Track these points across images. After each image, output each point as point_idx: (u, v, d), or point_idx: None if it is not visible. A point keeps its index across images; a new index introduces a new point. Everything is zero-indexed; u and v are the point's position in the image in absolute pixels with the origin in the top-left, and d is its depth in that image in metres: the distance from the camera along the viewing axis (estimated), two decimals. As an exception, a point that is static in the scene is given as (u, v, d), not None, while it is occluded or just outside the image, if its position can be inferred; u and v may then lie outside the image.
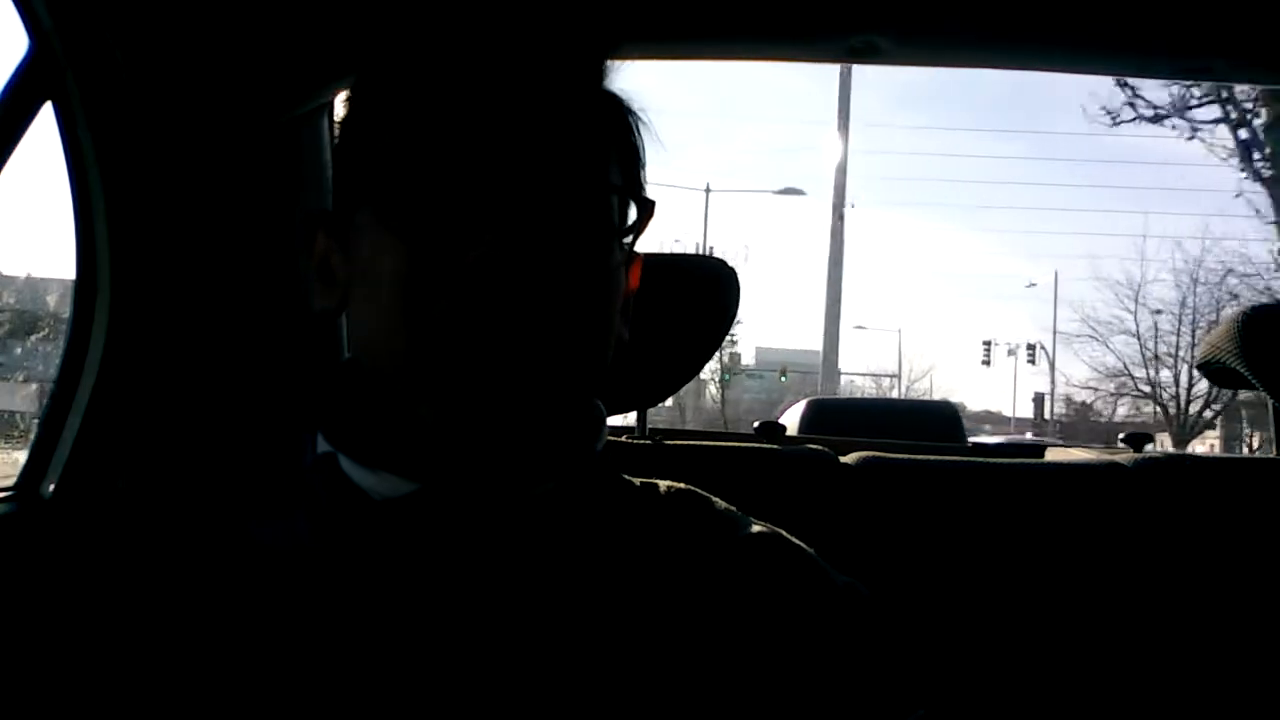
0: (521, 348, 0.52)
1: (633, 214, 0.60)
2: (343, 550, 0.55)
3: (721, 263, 1.21)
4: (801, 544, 0.60)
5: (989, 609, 1.18)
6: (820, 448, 1.29)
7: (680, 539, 0.58)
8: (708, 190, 16.88)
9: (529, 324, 0.52)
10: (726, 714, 0.52)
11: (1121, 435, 1.58)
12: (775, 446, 1.31)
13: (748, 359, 17.64)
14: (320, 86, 1.10)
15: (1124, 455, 1.38)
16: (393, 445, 0.55)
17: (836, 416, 5.24)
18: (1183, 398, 13.24)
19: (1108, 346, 15.53)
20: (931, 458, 1.30)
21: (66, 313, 0.94)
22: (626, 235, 0.58)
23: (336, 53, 1.04)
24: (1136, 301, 14.09)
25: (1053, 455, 1.95)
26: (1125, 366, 14.43)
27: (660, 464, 1.19)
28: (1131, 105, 11.24)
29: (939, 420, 5.37)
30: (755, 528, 0.60)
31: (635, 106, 0.62)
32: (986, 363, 15.29)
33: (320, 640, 0.52)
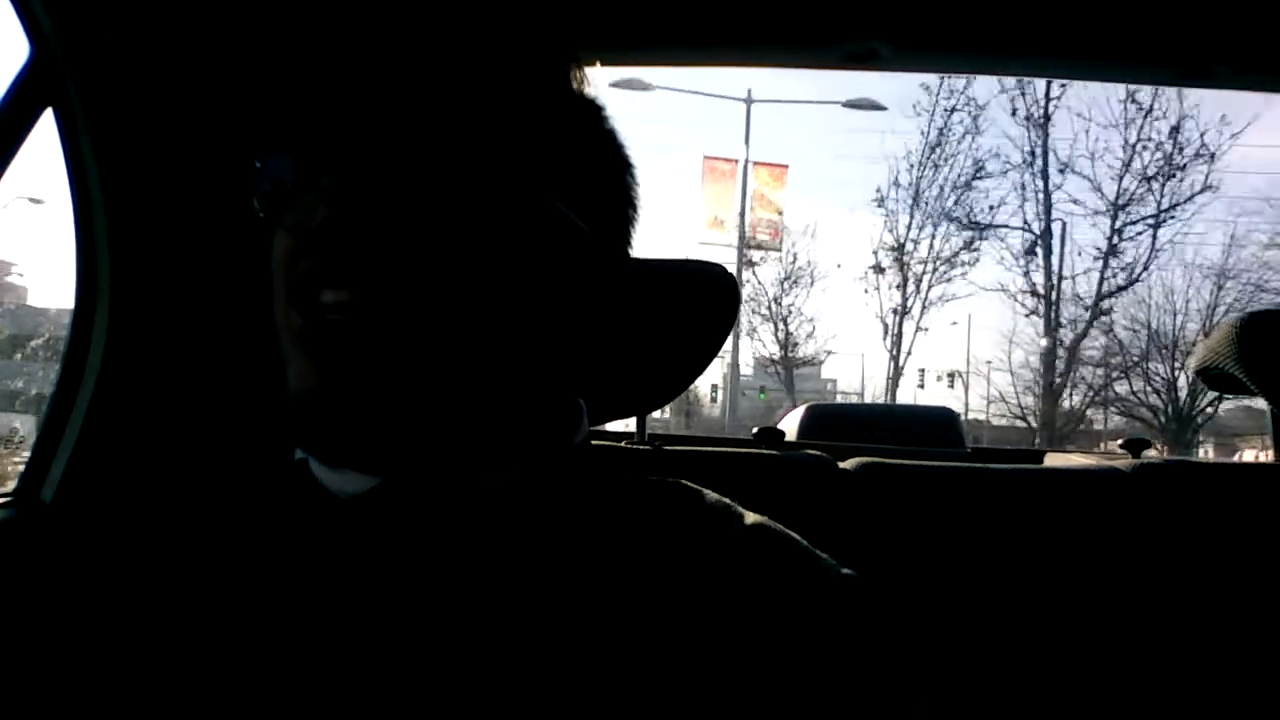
0: (359, 313, 0.51)
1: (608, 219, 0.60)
2: (315, 551, 0.55)
3: (720, 268, 1.22)
4: (797, 536, 0.58)
5: (988, 614, 1.18)
6: (819, 453, 1.29)
7: (668, 531, 0.56)
8: (749, 100, 15.98)
9: (364, 291, 0.51)
10: (718, 709, 0.50)
11: (1120, 441, 1.59)
12: (774, 452, 1.31)
13: (746, 370, 17.69)
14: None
15: (1123, 461, 1.38)
16: (322, 443, 0.55)
17: (835, 422, 5.25)
18: (1046, 419, 16.05)
19: (987, 380, 18.46)
20: (930, 463, 1.30)
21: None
22: (546, 220, 0.56)
23: (337, 56, 1.05)
24: (1011, 343, 16.73)
25: (1051, 460, 1.94)
26: (1001, 395, 17.38)
27: (659, 469, 1.19)
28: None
29: (937, 426, 5.38)
30: (749, 519, 0.58)
31: (601, 108, 0.61)
32: (921, 386, 18.01)
33: (301, 641, 0.52)
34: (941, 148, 12.88)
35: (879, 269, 12.43)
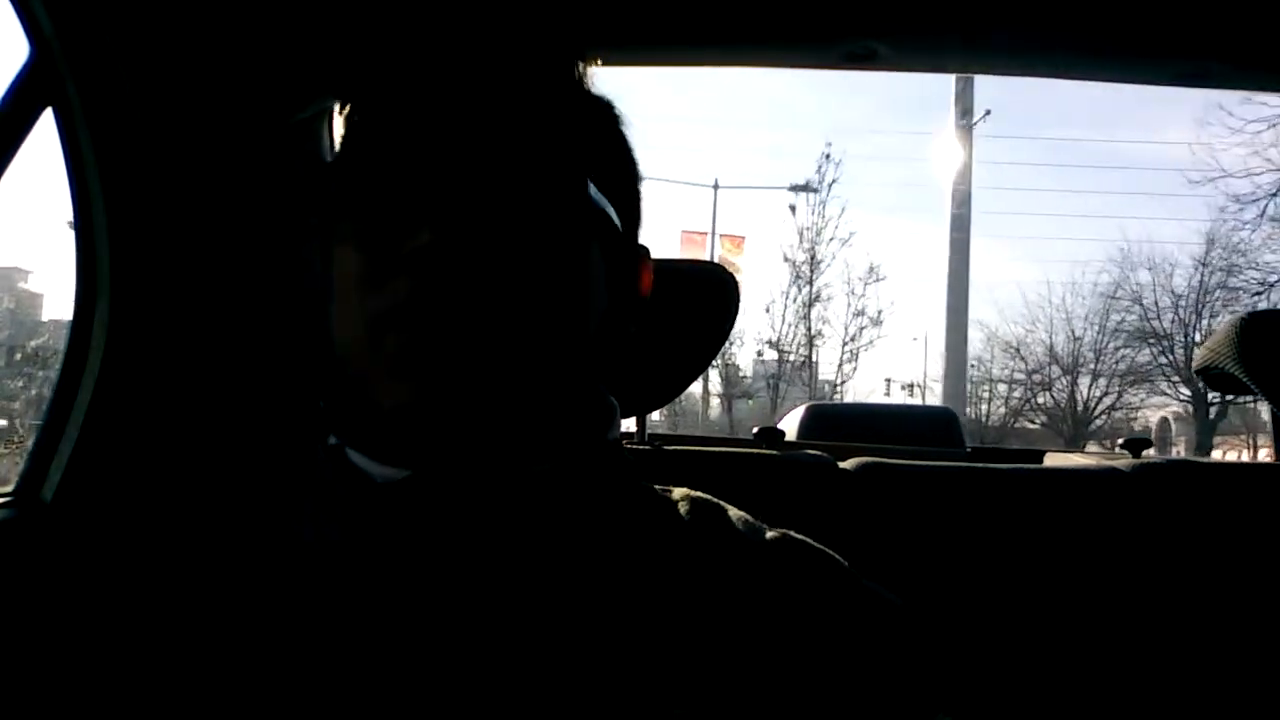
0: (459, 334, 0.52)
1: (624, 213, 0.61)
2: (350, 536, 0.56)
3: (721, 268, 1.22)
4: (824, 548, 0.59)
5: (988, 613, 1.18)
6: (819, 453, 1.30)
7: (694, 540, 0.58)
8: (716, 186, 19.69)
9: (466, 311, 0.52)
10: (736, 713, 0.51)
11: (1120, 440, 1.59)
12: (774, 452, 1.31)
13: (745, 371, 18.99)
14: (320, 92, 1.10)
15: (1122, 461, 1.38)
16: (370, 437, 0.57)
17: (835, 422, 5.23)
18: (983, 425, 19.65)
19: (931, 391, 21.97)
20: (930, 463, 1.30)
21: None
22: (602, 226, 0.59)
23: (335, 57, 1.05)
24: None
25: (1051, 460, 1.94)
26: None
27: (659, 469, 1.19)
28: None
29: (937, 426, 5.36)
30: (772, 533, 0.60)
31: (617, 108, 0.63)
32: (887, 394, 21.41)
33: (327, 629, 0.53)
34: (796, 284, 17.59)
35: (760, 353, 18.08)
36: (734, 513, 0.61)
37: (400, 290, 0.52)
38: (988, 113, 15.47)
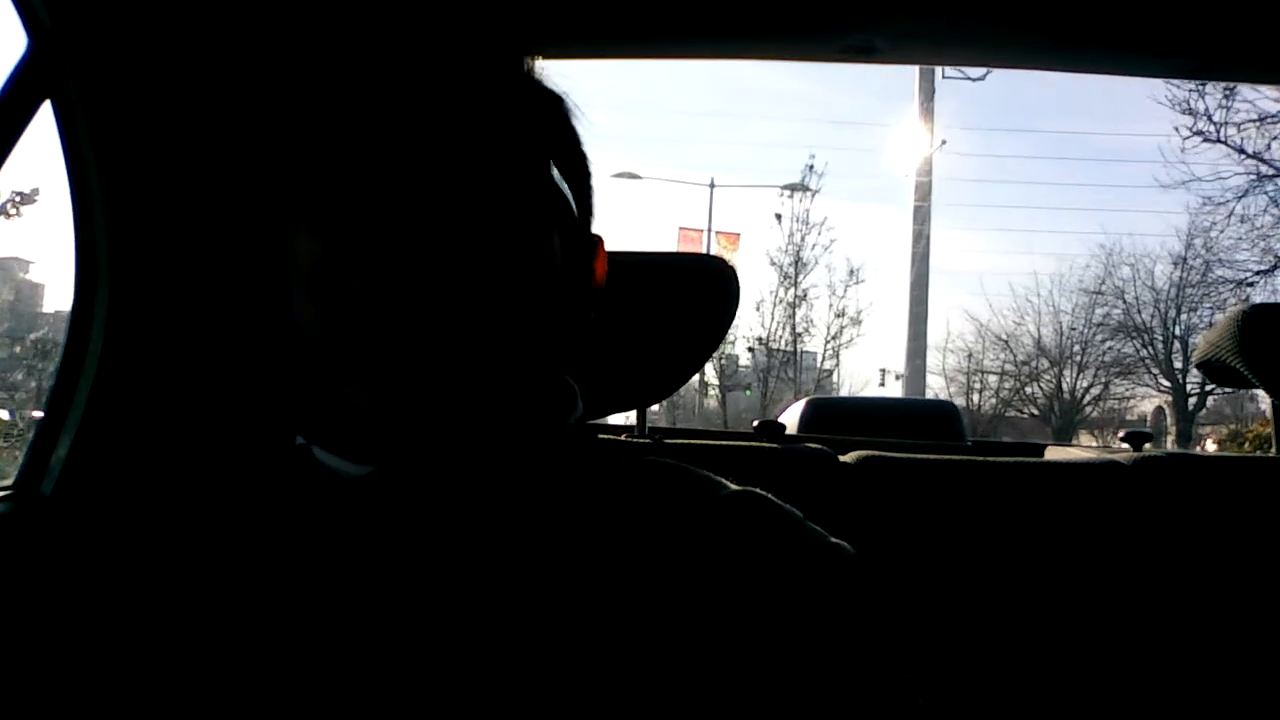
0: (435, 330, 0.52)
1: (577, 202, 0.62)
2: (318, 531, 0.57)
3: (721, 261, 1.22)
4: (782, 503, 0.59)
5: (988, 606, 1.19)
6: (820, 446, 1.30)
7: (655, 505, 0.58)
8: (712, 185, 19.72)
9: (439, 304, 0.52)
10: (699, 674, 0.51)
11: (1121, 434, 1.59)
12: (775, 445, 1.31)
13: (744, 361, 19.07)
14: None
15: (1123, 454, 1.38)
16: (336, 433, 0.57)
17: (835, 415, 5.22)
18: (975, 415, 19.70)
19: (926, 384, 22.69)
20: (931, 456, 1.30)
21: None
22: (560, 214, 0.60)
23: (335, 53, 1.04)
24: (945, 352, 20.83)
25: (1052, 454, 1.94)
26: (936, 395, 20.55)
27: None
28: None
29: (938, 419, 5.36)
30: (730, 488, 0.60)
31: (568, 102, 0.63)
32: (882, 384, 21.54)
33: (315, 622, 0.53)
34: (783, 286, 17.99)
35: (751, 349, 18.71)
36: (698, 473, 0.62)
37: (371, 283, 0.52)
38: (943, 142, 16.66)
